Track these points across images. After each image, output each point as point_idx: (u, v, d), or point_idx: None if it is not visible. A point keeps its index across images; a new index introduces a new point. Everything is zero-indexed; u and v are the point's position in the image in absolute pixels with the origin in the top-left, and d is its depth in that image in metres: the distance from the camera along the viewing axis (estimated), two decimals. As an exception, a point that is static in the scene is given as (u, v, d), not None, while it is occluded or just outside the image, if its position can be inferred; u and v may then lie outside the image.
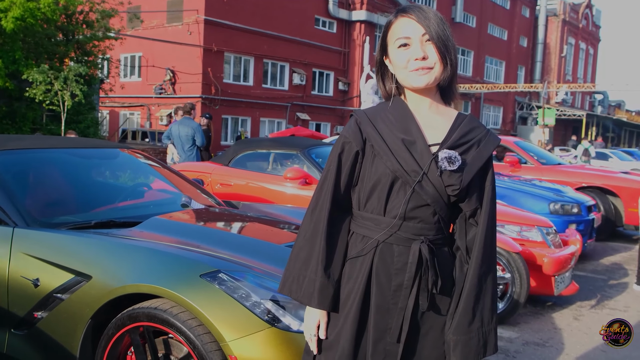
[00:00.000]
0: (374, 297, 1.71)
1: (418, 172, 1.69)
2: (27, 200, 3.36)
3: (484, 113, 44.33)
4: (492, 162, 1.81)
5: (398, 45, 1.73)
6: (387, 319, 1.71)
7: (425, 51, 1.71)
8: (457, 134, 1.75)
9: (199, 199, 4.23)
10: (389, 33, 1.77)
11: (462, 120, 1.79)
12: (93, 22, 17.63)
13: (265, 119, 28.97)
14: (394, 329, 1.69)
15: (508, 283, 4.78)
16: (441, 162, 1.68)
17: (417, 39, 1.71)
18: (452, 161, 1.67)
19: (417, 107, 1.79)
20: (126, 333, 2.62)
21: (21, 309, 2.88)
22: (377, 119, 1.77)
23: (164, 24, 26.89)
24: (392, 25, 1.77)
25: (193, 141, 9.02)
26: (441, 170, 1.68)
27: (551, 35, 50.57)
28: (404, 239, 1.72)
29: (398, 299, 1.70)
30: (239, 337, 2.39)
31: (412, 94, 1.79)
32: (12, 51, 14.66)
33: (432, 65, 1.72)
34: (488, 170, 1.78)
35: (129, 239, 3.00)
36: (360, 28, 31.94)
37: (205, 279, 2.53)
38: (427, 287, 1.69)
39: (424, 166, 1.69)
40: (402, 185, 1.71)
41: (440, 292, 1.72)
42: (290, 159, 6.90)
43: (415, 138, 1.72)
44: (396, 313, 1.70)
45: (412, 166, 1.69)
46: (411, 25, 1.72)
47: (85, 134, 16.83)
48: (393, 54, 1.76)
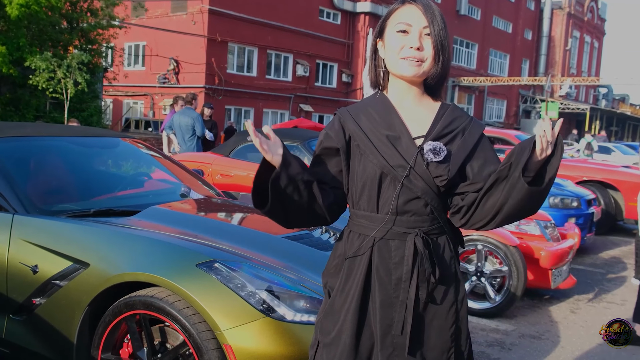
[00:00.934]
0: (377, 292, 1.73)
1: (405, 166, 1.70)
2: (27, 188, 3.38)
3: (487, 106, 44.22)
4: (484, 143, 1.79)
5: (397, 29, 1.75)
6: (392, 313, 1.72)
7: (421, 43, 1.73)
8: (440, 124, 1.76)
9: (199, 190, 4.25)
10: (392, 16, 1.79)
11: (445, 110, 1.80)
12: (97, 10, 17.64)
13: (268, 110, 28.95)
14: (397, 321, 1.71)
15: (505, 276, 4.80)
16: (426, 154, 1.69)
17: (417, 29, 1.73)
18: (437, 152, 1.69)
19: (401, 99, 1.80)
20: (123, 320, 2.65)
21: (20, 295, 2.92)
22: (361, 116, 1.78)
23: (168, 13, 26.84)
24: (397, 10, 1.78)
25: (193, 131, 9.02)
26: (427, 162, 1.70)
27: (556, 29, 50.34)
28: (399, 234, 1.73)
29: (399, 292, 1.72)
30: (234, 327, 2.42)
31: (398, 83, 1.80)
32: (17, 38, 14.69)
33: (424, 58, 1.73)
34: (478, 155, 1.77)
35: (127, 228, 3.02)
36: (364, 20, 31.84)
37: (201, 269, 2.56)
38: (426, 278, 1.71)
39: (410, 160, 1.70)
40: (391, 180, 1.72)
41: (440, 282, 1.73)
42: (291, 151, 6.90)
43: (400, 133, 1.74)
44: (398, 306, 1.72)
45: (398, 161, 1.71)
46: (416, 15, 1.74)
47: (89, 122, 16.88)
48: (390, 36, 1.77)
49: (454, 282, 1.79)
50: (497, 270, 4.84)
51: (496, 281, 4.90)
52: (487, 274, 4.87)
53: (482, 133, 1.81)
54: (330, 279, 1.86)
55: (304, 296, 2.60)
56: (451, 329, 1.77)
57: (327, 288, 1.88)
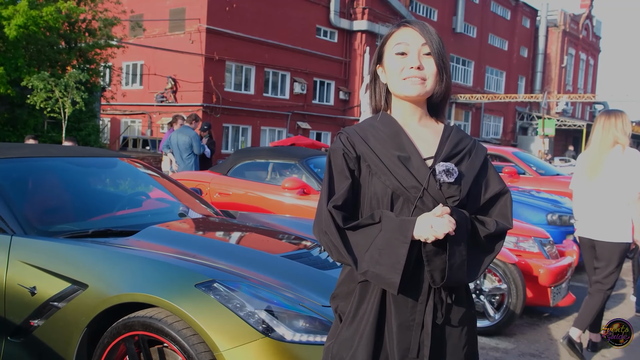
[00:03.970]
0: (394, 316, 1.70)
1: (418, 187, 1.69)
2: (25, 209, 3.38)
3: (484, 123, 44.39)
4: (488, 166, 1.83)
5: (396, 52, 1.75)
6: (409, 337, 1.71)
7: (421, 62, 1.74)
8: (448, 145, 1.76)
9: (197, 209, 4.25)
10: (389, 41, 1.80)
11: (449, 131, 1.81)
12: (95, 30, 17.73)
13: (266, 127, 29.02)
14: (412, 344, 1.70)
15: (504, 294, 4.79)
16: (439, 175, 1.69)
17: (416, 49, 1.74)
18: (450, 173, 1.68)
19: (406, 120, 1.80)
20: (121, 342, 2.63)
21: (18, 317, 2.90)
22: (369, 137, 1.76)
23: (166, 33, 27.00)
24: (394, 34, 1.79)
25: (191, 149, 9.05)
26: (440, 183, 1.69)
27: (551, 46, 50.72)
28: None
29: (415, 315, 1.70)
30: (233, 347, 2.41)
31: (403, 105, 1.81)
32: (15, 58, 14.74)
33: (426, 77, 1.74)
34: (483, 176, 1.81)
35: (126, 248, 3.02)
36: (361, 38, 32.06)
37: (200, 289, 2.55)
38: (442, 299, 1.71)
39: (423, 181, 1.69)
40: (404, 202, 1.70)
41: (455, 302, 1.74)
42: (288, 169, 6.93)
43: (410, 153, 1.73)
44: (413, 329, 1.70)
45: (411, 182, 1.69)
46: (412, 35, 1.75)
47: (86, 142, 16.89)
48: (389, 60, 1.78)
49: (466, 301, 1.79)
50: (496, 288, 4.83)
51: (495, 299, 4.88)
52: (486, 291, 4.86)
53: (486, 155, 1.83)
54: (341, 302, 1.83)
55: (303, 316, 2.59)
56: (464, 349, 1.77)
57: (337, 312, 1.84)
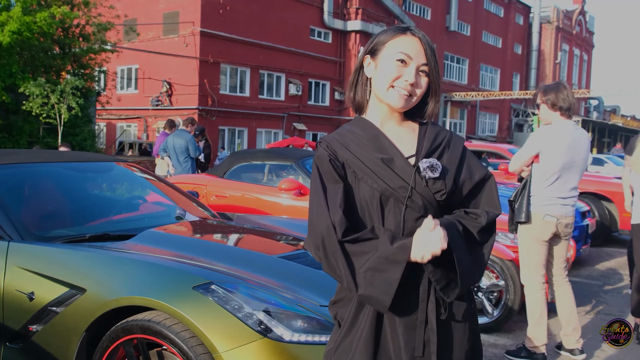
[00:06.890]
0: (398, 318, 1.71)
1: (405, 187, 1.70)
2: (22, 214, 3.38)
3: (480, 120, 44.46)
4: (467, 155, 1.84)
5: (397, 58, 1.75)
6: (414, 335, 1.71)
7: (416, 79, 1.76)
8: (427, 141, 1.78)
9: (194, 211, 4.26)
10: (391, 42, 1.78)
11: (425, 127, 1.83)
12: (89, 35, 17.72)
13: (262, 129, 29.04)
14: (417, 342, 1.70)
15: (502, 290, 4.81)
16: (424, 172, 1.70)
17: (415, 65, 1.75)
18: (435, 168, 1.70)
19: (384, 122, 1.82)
20: (120, 345, 2.64)
21: (16, 323, 2.91)
22: (349, 143, 1.77)
23: (160, 36, 27.00)
24: (398, 37, 1.78)
25: (187, 152, 9.06)
26: (426, 179, 1.71)
27: (545, 42, 50.84)
28: None
29: (418, 314, 1.71)
30: (232, 348, 2.42)
31: (382, 107, 1.82)
32: (9, 65, 14.73)
33: (415, 93, 1.77)
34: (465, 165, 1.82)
35: (123, 252, 3.03)
36: (355, 38, 32.09)
37: (198, 291, 2.56)
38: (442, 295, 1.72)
39: (409, 180, 1.71)
40: (394, 203, 1.72)
41: (457, 297, 1.74)
42: (285, 170, 6.93)
43: (392, 154, 1.75)
44: (417, 327, 1.71)
45: (398, 182, 1.71)
46: (418, 50, 1.76)
47: (82, 147, 16.88)
48: (387, 62, 1.77)
49: (467, 295, 1.80)
50: (493, 285, 4.84)
51: (493, 296, 4.90)
52: (483, 288, 4.87)
53: (464, 144, 1.86)
54: (340, 309, 1.82)
55: (301, 316, 2.59)
56: (469, 342, 1.79)
57: (337, 319, 1.84)
